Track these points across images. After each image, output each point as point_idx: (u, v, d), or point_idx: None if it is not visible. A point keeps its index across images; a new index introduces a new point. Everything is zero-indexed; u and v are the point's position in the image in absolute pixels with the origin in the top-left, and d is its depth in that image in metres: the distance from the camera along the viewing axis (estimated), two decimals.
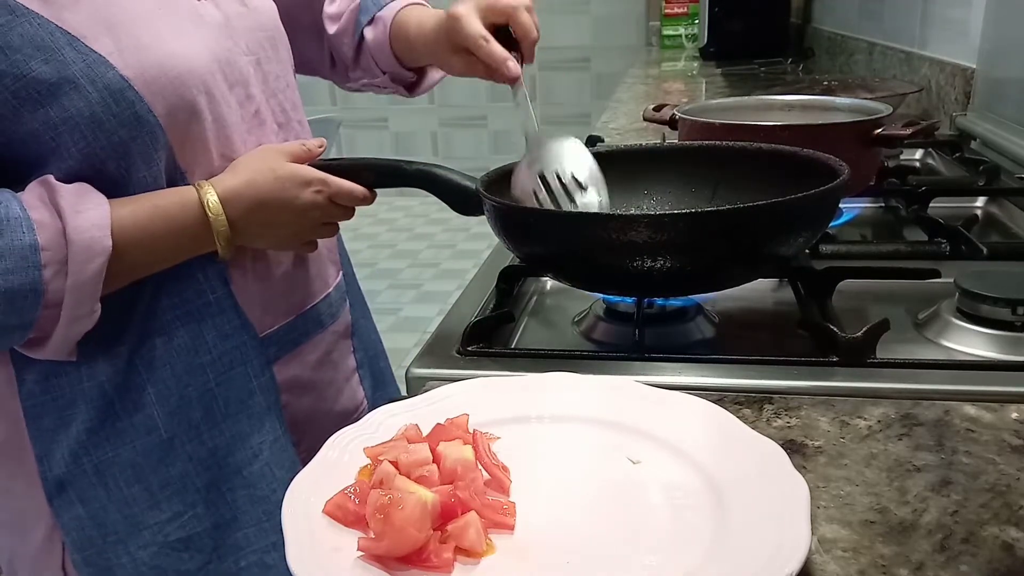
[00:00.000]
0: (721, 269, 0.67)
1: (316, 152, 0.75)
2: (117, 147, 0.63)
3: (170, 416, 0.72)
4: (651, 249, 0.61)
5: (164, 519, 0.73)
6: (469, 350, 0.70)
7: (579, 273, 0.71)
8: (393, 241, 4.09)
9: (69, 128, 0.61)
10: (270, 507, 0.77)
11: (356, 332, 0.91)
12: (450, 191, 0.75)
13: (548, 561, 0.44)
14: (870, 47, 2.07)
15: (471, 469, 0.49)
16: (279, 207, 0.71)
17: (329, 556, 0.43)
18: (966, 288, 0.70)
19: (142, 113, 0.63)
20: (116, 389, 0.70)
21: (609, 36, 4.28)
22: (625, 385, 0.59)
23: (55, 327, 0.63)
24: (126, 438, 0.71)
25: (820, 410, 0.58)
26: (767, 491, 0.46)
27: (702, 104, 1.17)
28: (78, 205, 0.61)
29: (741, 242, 0.63)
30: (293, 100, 0.83)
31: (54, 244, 0.60)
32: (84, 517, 0.72)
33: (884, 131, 0.93)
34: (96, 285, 0.62)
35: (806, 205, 0.64)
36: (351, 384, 0.90)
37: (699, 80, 2.46)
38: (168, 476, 0.73)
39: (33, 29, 0.59)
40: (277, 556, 0.77)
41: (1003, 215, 1.04)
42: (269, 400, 0.78)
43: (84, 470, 0.71)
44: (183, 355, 0.72)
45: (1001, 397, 0.59)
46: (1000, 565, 0.42)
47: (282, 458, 0.79)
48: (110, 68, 0.61)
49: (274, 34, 0.80)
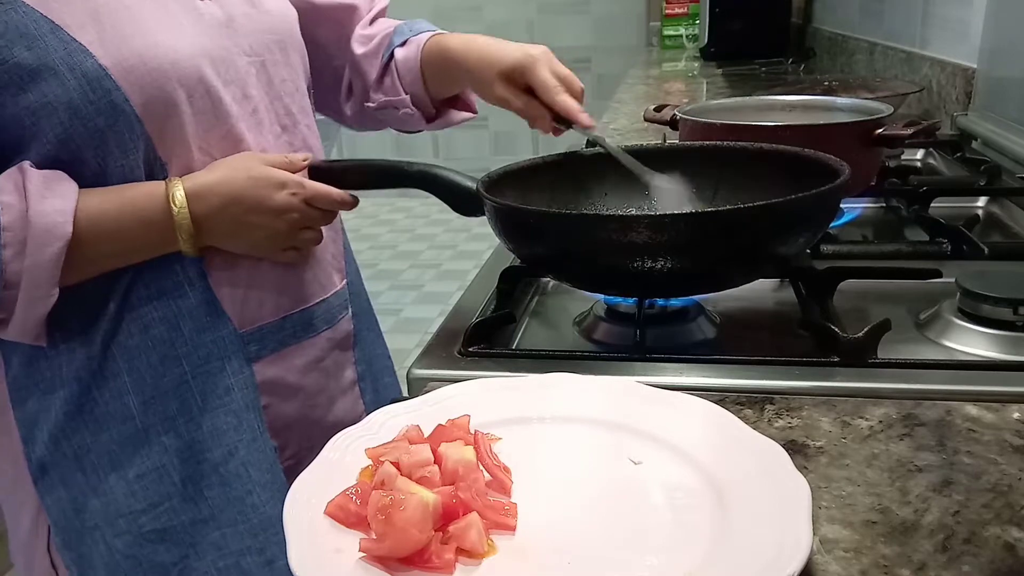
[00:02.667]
0: (721, 269, 0.67)
1: (299, 166, 0.75)
2: (94, 134, 0.65)
3: (145, 405, 0.73)
4: (651, 250, 0.62)
5: (139, 508, 0.74)
6: (470, 351, 0.70)
7: (579, 274, 0.71)
8: (394, 242, 4.09)
9: (47, 114, 0.63)
10: (246, 509, 0.77)
11: (359, 344, 0.89)
12: (451, 192, 0.75)
13: (549, 562, 0.44)
14: (871, 47, 2.07)
15: (472, 470, 0.49)
16: (250, 207, 0.71)
17: (331, 557, 0.43)
18: (967, 288, 0.70)
19: (118, 102, 0.64)
20: (93, 376, 0.72)
21: (609, 36, 4.28)
22: (626, 386, 0.59)
23: (15, 307, 0.65)
24: (103, 425, 0.73)
25: (821, 410, 0.58)
26: (768, 491, 0.46)
27: (703, 104, 1.17)
28: (44, 191, 0.64)
29: (741, 242, 0.63)
30: (302, 104, 0.83)
31: (16, 226, 0.62)
32: (65, 500, 0.74)
33: (885, 131, 0.93)
34: (54, 269, 0.64)
35: (806, 205, 0.64)
36: (349, 396, 0.88)
37: (700, 80, 2.46)
38: (144, 467, 0.74)
39: (18, 16, 0.61)
40: (252, 561, 0.76)
41: (1004, 215, 1.04)
42: (248, 398, 0.77)
43: (64, 454, 0.73)
44: (159, 345, 0.73)
45: (1002, 397, 0.58)
46: (1002, 565, 0.42)
47: (259, 459, 0.78)
48: (89, 56, 0.63)
49: (284, 38, 0.81)
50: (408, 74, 0.90)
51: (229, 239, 0.73)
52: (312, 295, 0.82)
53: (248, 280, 0.76)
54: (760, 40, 2.72)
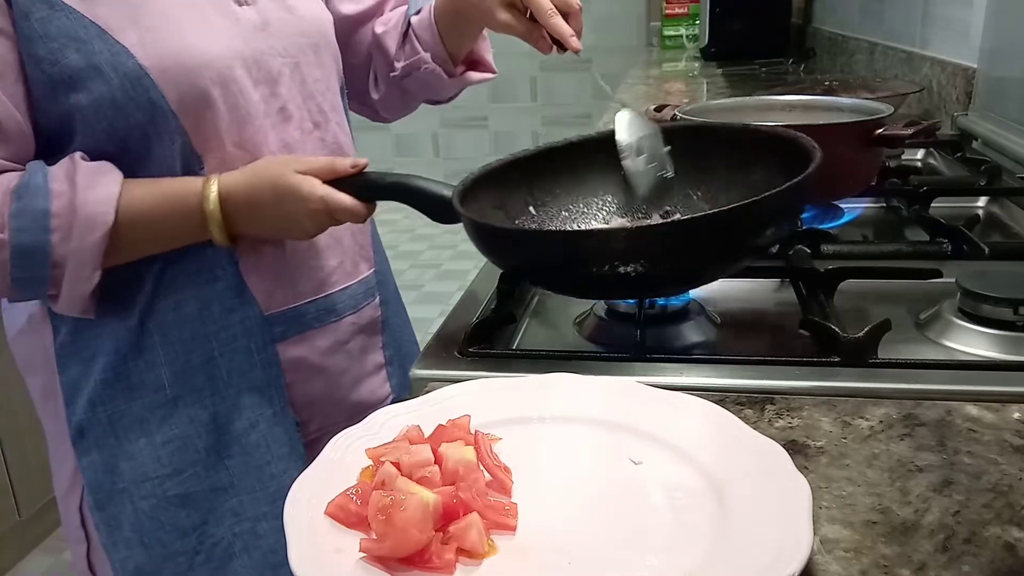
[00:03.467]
0: (699, 269, 0.67)
1: (342, 172, 0.75)
2: (135, 128, 0.71)
3: (176, 377, 0.79)
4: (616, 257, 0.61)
5: (165, 473, 0.79)
6: (471, 351, 0.70)
7: (556, 283, 0.72)
8: (395, 242, 4.09)
9: (94, 110, 0.69)
10: (264, 478, 0.82)
11: (387, 330, 0.94)
12: (425, 201, 0.75)
13: (550, 562, 0.44)
14: (871, 47, 2.07)
15: (473, 470, 0.49)
16: (272, 216, 0.75)
17: (331, 557, 0.43)
18: (968, 288, 0.70)
19: (156, 99, 0.70)
20: (130, 347, 0.78)
21: (610, 37, 4.28)
22: (626, 386, 0.59)
23: (62, 283, 0.71)
24: (136, 393, 0.79)
25: (822, 410, 0.58)
26: (769, 492, 0.46)
27: (703, 104, 1.17)
28: (92, 181, 0.70)
29: (718, 243, 0.63)
30: (334, 103, 0.88)
31: (64, 212, 0.68)
32: (98, 462, 0.80)
33: (885, 131, 0.93)
34: (96, 253, 0.70)
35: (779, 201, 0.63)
36: (376, 379, 0.93)
37: (700, 80, 2.46)
38: (171, 434, 0.79)
39: (69, 22, 0.68)
40: (268, 526, 0.81)
41: (1004, 215, 1.04)
42: (270, 375, 0.82)
43: (99, 419, 0.79)
44: (190, 323, 0.78)
45: (1003, 397, 0.59)
46: (1002, 565, 0.42)
47: (279, 433, 0.83)
48: (131, 58, 0.69)
49: (318, 40, 0.85)
50: (424, 32, 0.93)
51: (256, 233, 0.78)
52: (336, 282, 0.87)
53: (274, 267, 0.81)
54: (760, 40, 2.72)
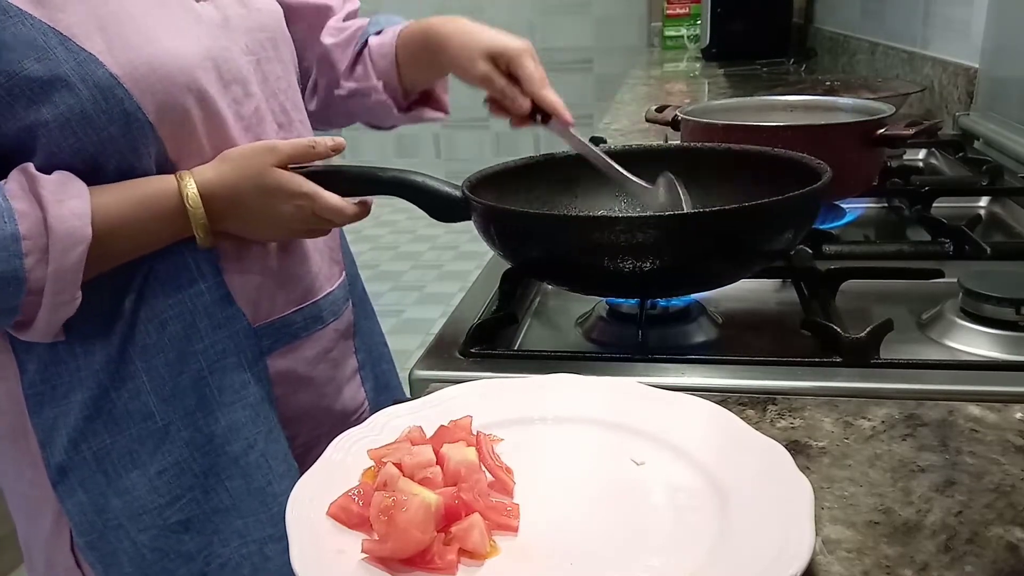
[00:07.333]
0: (707, 268, 0.67)
1: (323, 153, 0.73)
2: (107, 143, 0.65)
3: (164, 403, 0.73)
4: (635, 251, 0.61)
5: (163, 503, 0.74)
6: (472, 352, 0.70)
7: (564, 275, 0.71)
8: (396, 243, 4.09)
9: (60, 125, 0.63)
10: (266, 499, 0.78)
11: (358, 333, 0.91)
12: (428, 197, 0.73)
13: (552, 563, 0.44)
14: (872, 47, 2.07)
15: (475, 471, 0.49)
16: (258, 215, 0.72)
17: (333, 558, 0.43)
18: (970, 288, 0.70)
19: (131, 110, 0.64)
20: (110, 377, 0.72)
21: (611, 37, 4.28)
22: (628, 386, 0.59)
23: (38, 312, 0.64)
24: (123, 425, 0.73)
25: (824, 411, 0.58)
26: (771, 492, 0.46)
27: (705, 105, 1.17)
28: (59, 194, 0.63)
29: (724, 242, 0.63)
30: (295, 101, 0.83)
31: (35, 233, 0.62)
32: (86, 503, 0.74)
33: (887, 131, 0.93)
34: (77, 272, 0.64)
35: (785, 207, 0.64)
36: (352, 385, 0.90)
37: (701, 81, 2.46)
38: (165, 463, 0.74)
39: (26, 29, 0.61)
40: (275, 548, 0.78)
41: (1006, 215, 1.04)
42: (263, 391, 0.78)
43: (84, 457, 0.73)
44: (176, 342, 0.73)
45: (1005, 397, 0.58)
46: (1004, 565, 0.42)
47: (276, 450, 0.79)
48: (100, 66, 0.63)
49: (275, 35, 0.81)
50: (381, 60, 0.90)
51: (242, 232, 0.74)
52: (319, 288, 0.84)
53: (259, 276, 0.77)
54: (761, 40, 2.72)
